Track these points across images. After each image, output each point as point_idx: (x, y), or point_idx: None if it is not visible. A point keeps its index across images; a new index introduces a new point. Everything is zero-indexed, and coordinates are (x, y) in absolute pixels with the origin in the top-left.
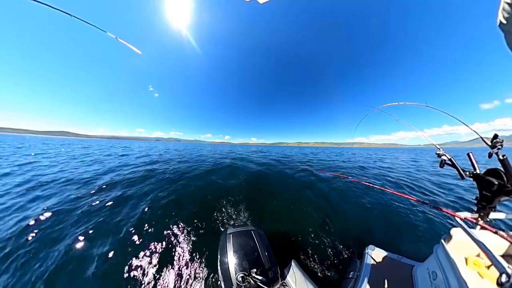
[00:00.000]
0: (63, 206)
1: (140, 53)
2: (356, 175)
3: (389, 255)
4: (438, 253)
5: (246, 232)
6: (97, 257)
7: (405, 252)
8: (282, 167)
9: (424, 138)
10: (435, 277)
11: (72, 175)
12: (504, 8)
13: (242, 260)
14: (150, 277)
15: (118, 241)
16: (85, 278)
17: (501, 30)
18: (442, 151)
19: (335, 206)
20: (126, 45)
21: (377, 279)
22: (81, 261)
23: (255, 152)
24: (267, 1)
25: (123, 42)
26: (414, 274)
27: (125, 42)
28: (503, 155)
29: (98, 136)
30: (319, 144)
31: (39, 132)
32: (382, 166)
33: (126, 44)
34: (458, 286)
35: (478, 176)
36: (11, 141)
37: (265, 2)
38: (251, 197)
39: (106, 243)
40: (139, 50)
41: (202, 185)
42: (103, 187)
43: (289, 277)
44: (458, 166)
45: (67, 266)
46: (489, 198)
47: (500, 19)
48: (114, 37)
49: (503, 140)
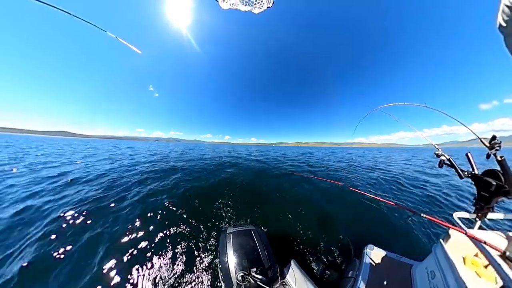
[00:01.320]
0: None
1: (140, 53)
2: (351, 179)
3: (388, 254)
4: (437, 253)
5: (245, 231)
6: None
7: (403, 251)
8: (281, 167)
9: (423, 138)
10: (434, 277)
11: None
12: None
13: (242, 259)
14: (150, 277)
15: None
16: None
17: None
18: (441, 151)
19: (334, 206)
20: (126, 44)
21: (376, 278)
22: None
23: (254, 152)
24: (261, 11)
25: (123, 41)
26: (412, 273)
27: (125, 42)
28: (501, 156)
29: (97, 136)
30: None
31: (37, 132)
32: (368, 165)
33: (126, 44)
34: (456, 286)
35: (477, 176)
36: (25, 142)
37: (260, 12)
38: (251, 197)
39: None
40: (139, 50)
41: (201, 185)
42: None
43: (289, 276)
44: (457, 166)
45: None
46: (487, 199)
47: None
48: (114, 36)
49: (501, 142)
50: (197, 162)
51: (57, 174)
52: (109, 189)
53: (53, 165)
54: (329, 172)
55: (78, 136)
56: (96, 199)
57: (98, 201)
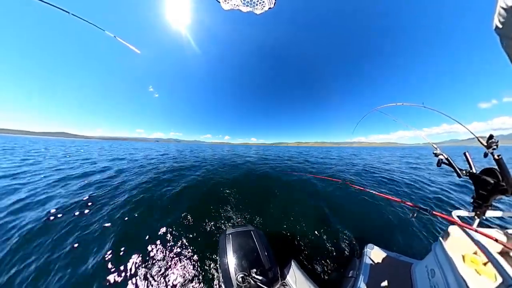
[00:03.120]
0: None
1: (138, 53)
2: (349, 177)
3: (388, 253)
4: (436, 251)
5: (245, 232)
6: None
7: (403, 250)
8: (280, 167)
9: (421, 137)
10: (434, 275)
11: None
12: (499, 13)
13: (242, 260)
14: (149, 278)
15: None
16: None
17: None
18: (439, 151)
19: (333, 206)
20: (125, 44)
21: (377, 277)
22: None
23: (254, 152)
24: (263, 12)
25: (121, 41)
26: (412, 272)
27: (123, 41)
28: (498, 155)
29: (97, 137)
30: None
31: (36, 133)
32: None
33: (125, 43)
34: (456, 283)
35: (474, 175)
36: (30, 143)
37: (262, 12)
38: (251, 197)
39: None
40: (137, 50)
41: (200, 185)
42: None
43: (289, 277)
44: (455, 165)
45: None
46: (485, 197)
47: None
48: (112, 36)
49: (498, 140)
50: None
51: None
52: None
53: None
54: (328, 170)
55: (78, 137)
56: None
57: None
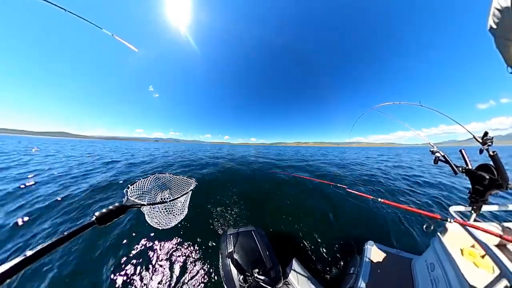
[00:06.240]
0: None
1: (136, 51)
2: (348, 179)
3: (388, 249)
4: (435, 246)
5: (246, 232)
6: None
7: (403, 246)
8: (280, 167)
9: (420, 137)
10: (433, 269)
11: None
12: (494, 14)
13: (243, 260)
14: (151, 280)
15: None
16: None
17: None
18: (436, 148)
19: (333, 205)
20: (122, 42)
21: (377, 273)
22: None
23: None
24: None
25: (119, 39)
26: (412, 267)
27: (121, 39)
28: (493, 151)
29: (97, 137)
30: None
31: (36, 132)
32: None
33: (122, 41)
34: (455, 276)
35: (471, 171)
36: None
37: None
38: (251, 197)
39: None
40: (135, 48)
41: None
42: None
43: (291, 275)
44: (451, 162)
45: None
46: (481, 192)
47: (490, 24)
48: (110, 34)
49: (493, 137)
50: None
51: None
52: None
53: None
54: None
55: (78, 137)
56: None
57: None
